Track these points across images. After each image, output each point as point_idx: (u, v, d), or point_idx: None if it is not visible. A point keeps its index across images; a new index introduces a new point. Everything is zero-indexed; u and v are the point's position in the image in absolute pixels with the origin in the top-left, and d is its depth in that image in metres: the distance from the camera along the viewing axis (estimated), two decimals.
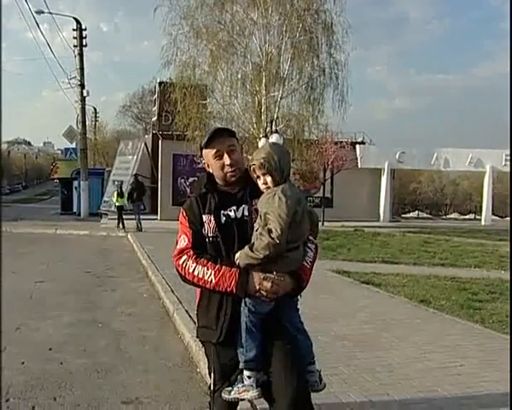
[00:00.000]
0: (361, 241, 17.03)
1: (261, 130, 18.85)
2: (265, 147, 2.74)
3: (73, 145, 31.89)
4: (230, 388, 2.74)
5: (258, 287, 2.60)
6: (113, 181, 29.39)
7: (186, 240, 2.78)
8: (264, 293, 2.61)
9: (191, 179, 26.42)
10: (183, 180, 26.59)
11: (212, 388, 2.84)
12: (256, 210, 2.71)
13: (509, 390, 4.12)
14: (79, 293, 8.66)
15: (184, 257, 2.74)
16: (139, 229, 19.22)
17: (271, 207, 2.57)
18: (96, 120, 55.47)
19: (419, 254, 13.71)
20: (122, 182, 22.55)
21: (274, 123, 18.69)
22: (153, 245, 14.33)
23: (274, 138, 17.31)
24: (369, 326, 6.31)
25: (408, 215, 43.07)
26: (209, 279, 2.66)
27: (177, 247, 2.81)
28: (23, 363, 5.12)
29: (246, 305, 2.68)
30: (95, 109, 53.97)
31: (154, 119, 32.69)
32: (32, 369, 4.97)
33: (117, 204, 20.51)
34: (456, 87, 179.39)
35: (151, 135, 31.35)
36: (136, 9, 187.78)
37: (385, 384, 4.37)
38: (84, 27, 27.83)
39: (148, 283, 9.65)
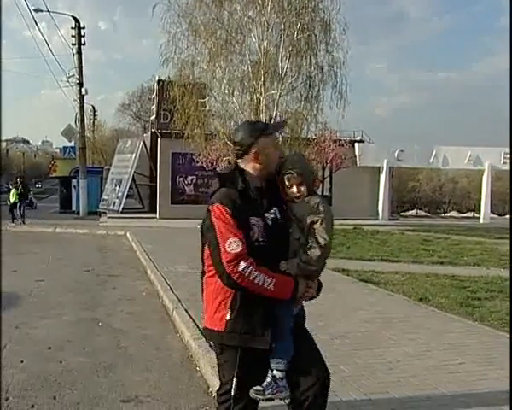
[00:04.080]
0: (360, 239, 17.02)
1: None
2: (299, 157, 2.83)
3: (72, 144, 31.88)
4: (261, 388, 2.74)
5: (303, 294, 2.73)
6: (112, 179, 29.39)
7: (240, 244, 2.59)
8: (306, 299, 2.78)
9: (190, 178, 26.40)
10: (181, 179, 26.54)
11: (233, 393, 2.75)
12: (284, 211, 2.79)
13: (509, 388, 4.12)
14: (79, 291, 8.67)
15: (244, 264, 2.57)
16: (23, 221, 22.09)
17: (316, 217, 2.64)
18: (94, 119, 55.44)
19: (418, 253, 13.71)
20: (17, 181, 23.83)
21: (272, 121, 18.66)
22: (151, 244, 14.31)
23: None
24: (369, 324, 6.32)
25: (407, 213, 43.16)
26: (268, 287, 2.60)
27: (230, 250, 2.59)
28: (22, 362, 5.12)
29: (290, 310, 2.76)
30: (93, 108, 54.05)
31: (153, 117, 32.63)
32: (32, 368, 4.97)
33: (12, 200, 22.69)
34: (455, 84, 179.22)
35: (150, 133, 31.29)
36: (135, 8, 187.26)
37: (384, 382, 4.37)
38: (82, 26, 27.80)
39: (148, 281, 9.65)
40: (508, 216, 40.02)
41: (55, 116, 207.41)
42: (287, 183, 2.74)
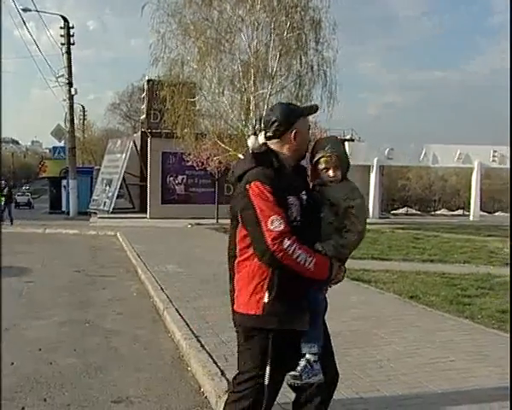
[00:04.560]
0: None
1: (250, 127, 18.78)
2: (337, 141, 2.89)
3: (62, 144, 31.72)
4: (297, 373, 2.72)
5: (335, 277, 2.74)
6: (102, 179, 29.27)
7: (282, 222, 2.54)
8: (335, 282, 2.80)
9: (180, 177, 26.34)
10: (172, 178, 26.48)
11: (266, 382, 2.69)
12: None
13: (509, 386, 4.13)
14: (70, 292, 8.62)
15: (289, 241, 2.53)
16: (11, 222, 22.58)
17: (352, 202, 2.70)
18: (84, 119, 55.23)
19: (408, 251, 13.75)
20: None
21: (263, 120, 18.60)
22: (142, 244, 14.28)
23: (262, 136, 17.26)
24: (360, 323, 6.33)
25: (397, 212, 43.29)
26: (309, 267, 2.58)
27: (273, 228, 2.53)
28: (12, 364, 5.08)
29: (321, 294, 2.80)
30: (83, 107, 53.83)
31: (143, 117, 32.54)
32: (22, 369, 4.94)
33: None
34: (449, 83, 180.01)
35: (140, 133, 31.18)
36: (125, 7, 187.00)
37: (376, 381, 4.38)
38: (71, 25, 27.68)
39: (138, 281, 9.62)
40: (497, 214, 40.33)
41: (44, 116, 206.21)
42: (323, 165, 2.75)
